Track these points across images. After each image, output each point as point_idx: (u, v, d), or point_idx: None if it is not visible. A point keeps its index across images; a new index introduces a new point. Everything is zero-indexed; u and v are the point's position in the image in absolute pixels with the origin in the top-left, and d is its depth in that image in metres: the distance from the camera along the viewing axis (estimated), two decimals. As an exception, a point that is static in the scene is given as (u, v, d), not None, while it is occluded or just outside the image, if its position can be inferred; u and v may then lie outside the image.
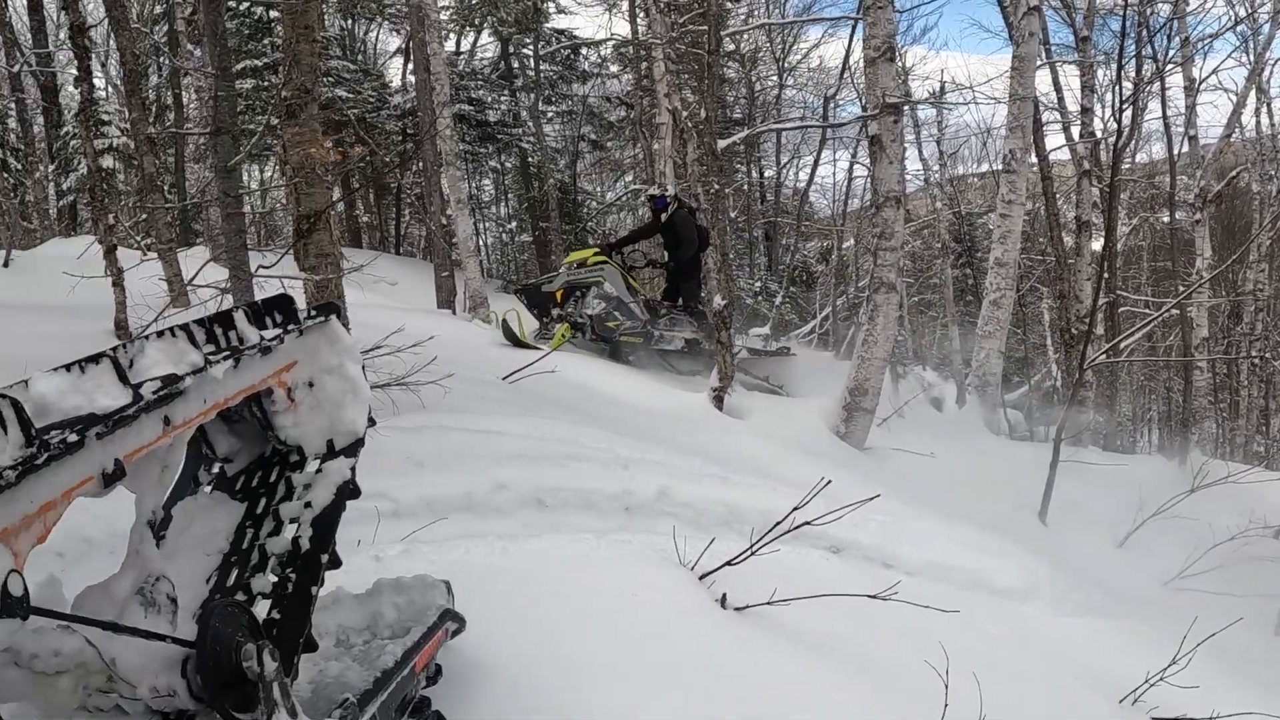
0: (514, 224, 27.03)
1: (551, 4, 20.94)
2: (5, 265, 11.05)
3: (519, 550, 4.21)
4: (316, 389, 2.41)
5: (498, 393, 6.83)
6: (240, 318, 1.94)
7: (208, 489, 2.74)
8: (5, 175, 18.77)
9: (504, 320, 10.59)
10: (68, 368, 1.57)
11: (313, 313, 2.31)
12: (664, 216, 11.48)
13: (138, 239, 11.75)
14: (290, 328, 2.16)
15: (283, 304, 2.17)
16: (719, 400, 9.09)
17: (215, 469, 2.74)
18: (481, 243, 23.85)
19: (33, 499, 1.48)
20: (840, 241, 22.07)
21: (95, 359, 1.55)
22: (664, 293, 12.08)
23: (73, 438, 1.47)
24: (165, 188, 15.39)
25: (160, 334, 1.75)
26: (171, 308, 5.92)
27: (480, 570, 3.87)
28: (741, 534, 4.81)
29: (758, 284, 21.92)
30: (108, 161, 15.76)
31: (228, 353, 1.88)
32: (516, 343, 10.27)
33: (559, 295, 11.06)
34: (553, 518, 4.98)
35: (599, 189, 29.45)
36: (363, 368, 2.49)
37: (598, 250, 11.67)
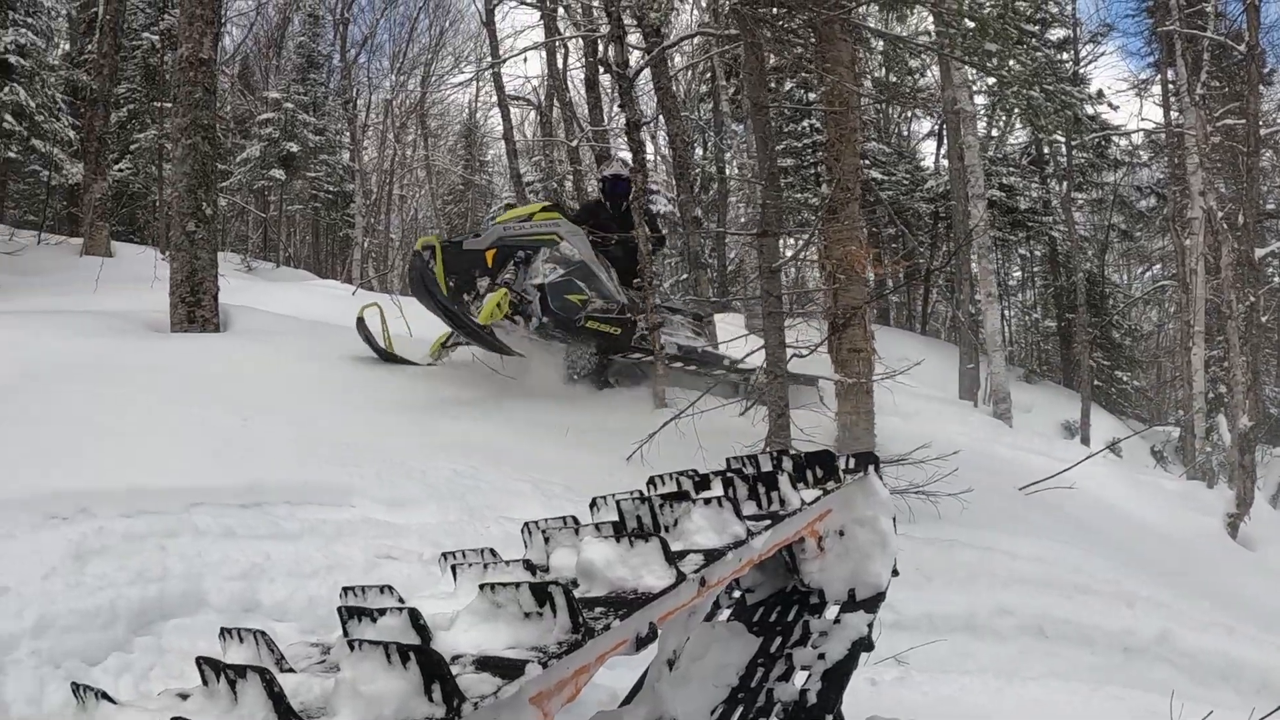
0: (1038, 310, 26.15)
1: (1089, 107, 19.83)
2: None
3: (1012, 693, 4.17)
4: (846, 538, 2.35)
5: (1011, 504, 6.57)
6: (784, 482, 1.88)
7: (725, 613, 2.74)
8: (558, 235, 21.30)
9: (360, 318, 6.97)
10: (618, 538, 1.57)
11: (852, 463, 2.21)
12: (625, 204, 7.40)
13: (680, 298, 12.80)
14: (830, 486, 2.07)
15: (824, 460, 2.10)
16: (1234, 528, 8.93)
17: (735, 594, 2.74)
18: (1005, 328, 23.19)
19: (569, 665, 1.50)
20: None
21: (645, 536, 1.54)
22: None
23: (615, 622, 1.45)
24: (706, 252, 16.67)
25: (708, 501, 1.71)
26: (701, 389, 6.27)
27: (969, 712, 3.87)
28: (1239, 692, 4.80)
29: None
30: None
31: (768, 520, 1.82)
32: (383, 355, 6.97)
33: (489, 257, 7.00)
34: (1051, 649, 4.89)
35: (1126, 280, 27.67)
36: (894, 519, 2.34)
37: (547, 206, 7.57)
